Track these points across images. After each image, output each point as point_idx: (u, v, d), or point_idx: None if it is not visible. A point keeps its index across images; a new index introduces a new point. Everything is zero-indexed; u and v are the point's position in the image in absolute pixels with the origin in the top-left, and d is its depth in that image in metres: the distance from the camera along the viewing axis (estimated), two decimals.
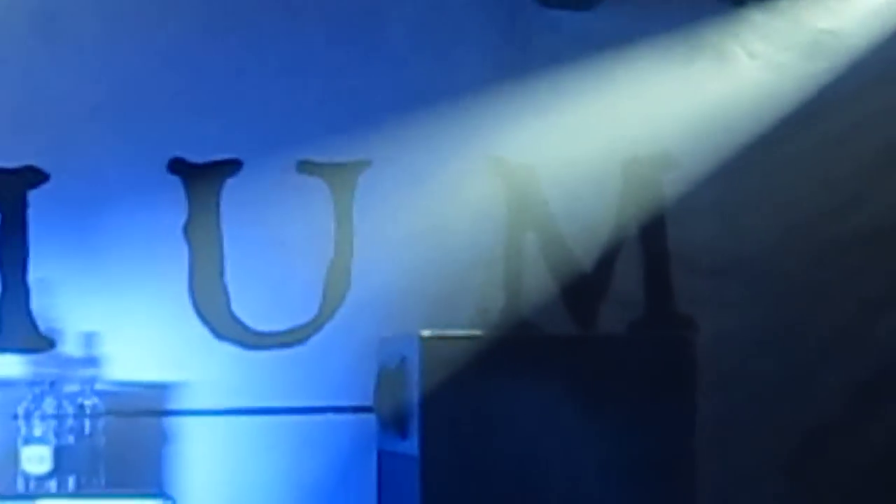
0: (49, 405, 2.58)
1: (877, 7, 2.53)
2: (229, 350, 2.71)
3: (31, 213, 2.55)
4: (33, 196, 2.55)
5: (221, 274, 2.58)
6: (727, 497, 2.38)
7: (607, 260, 2.71)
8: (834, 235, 2.68)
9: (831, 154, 2.59)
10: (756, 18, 2.60)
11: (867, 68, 2.54)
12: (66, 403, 2.62)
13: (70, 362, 2.70)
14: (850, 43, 2.57)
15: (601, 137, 2.62)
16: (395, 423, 2.61)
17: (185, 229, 2.58)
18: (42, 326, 2.64)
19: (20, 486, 2.53)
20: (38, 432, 2.60)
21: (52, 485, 2.57)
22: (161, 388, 2.72)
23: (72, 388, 2.63)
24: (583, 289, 2.76)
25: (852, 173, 2.64)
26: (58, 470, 2.57)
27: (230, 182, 2.58)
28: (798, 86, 2.54)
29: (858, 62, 2.54)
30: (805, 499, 2.52)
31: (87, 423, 2.62)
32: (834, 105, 2.54)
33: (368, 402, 2.63)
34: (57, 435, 2.59)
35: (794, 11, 2.56)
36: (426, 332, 2.43)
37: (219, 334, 2.69)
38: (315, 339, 2.72)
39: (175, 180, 2.62)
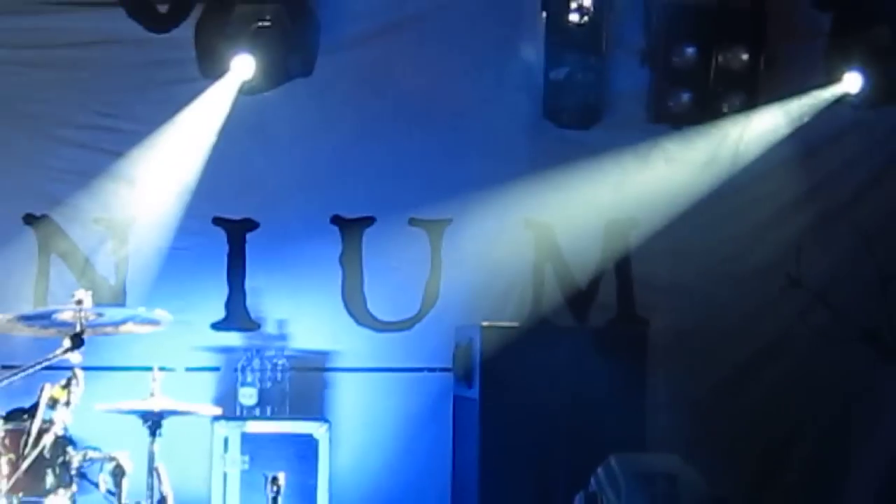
0: (256, 363, 4.17)
1: (761, 131, 4.12)
2: (365, 332, 4.38)
3: (248, 247, 4.19)
4: (249, 237, 4.19)
5: (361, 285, 4.21)
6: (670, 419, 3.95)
7: (595, 281, 4.34)
8: (738, 269, 4.29)
9: (730, 220, 4.21)
10: (673, 136, 4.27)
11: (749, 170, 4.15)
12: (266, 362, 4.20)
13: (269, 337, 4.35)
14: (739, 152, 4.19)
15: (591, 206, 4.22)
16: (464, 378, 4.21)
17: (340, 259, 4.22)
18: (253, 315, 4.24)
19: (237, 412, 4.06)
20: (249, 379, 4.20)
21: (257, 411, 4.11)
22: (324, 354, 4.38)
23: (270, 353, 4.24)
24: (579, 298, 4.37)
25: (745, 233, 4.24)
26: (260, 403, 4.18)
27: (367, 230, 4.19)
28: (700, 180, 4.18)
29: (744, 167, 4.15)
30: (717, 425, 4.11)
31: (279, 374, 4.21)
32: (727, 191, 4.15)
33: (448, 365, 4.24)
34: (260, 381, 4.21)
35: (700, 131, 4.23)
36: (484, 323, 4.02)
37: (359, 322, 4.37)
38: (417, 326, 4.38)
39: (334, 229, 4.23)
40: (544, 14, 4.30)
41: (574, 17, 4.19)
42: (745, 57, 4.28)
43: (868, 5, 4.31)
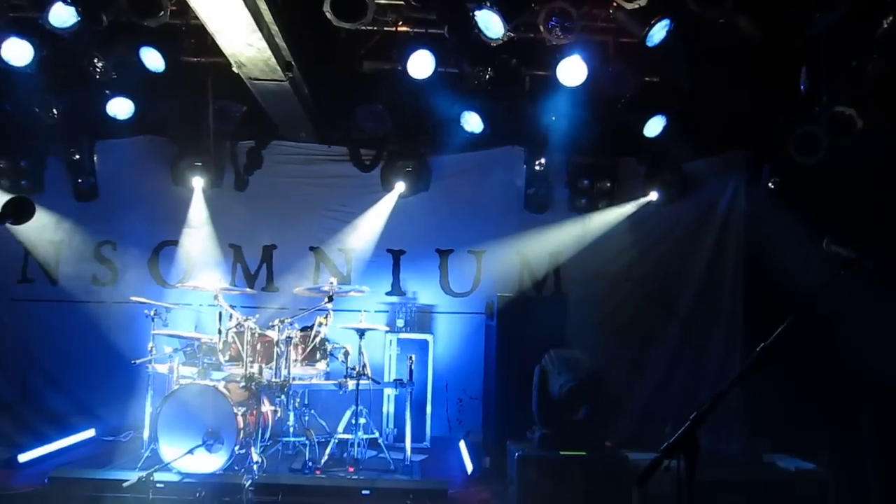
0: (403, 309, 8.68)
1: (616, 215, 8.98)
2: (448, 297, 8.98)
3: (401, 261, 9.03)
4: (402, 257, 9.00)
5: (447, 277, 9.00)
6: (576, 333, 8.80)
7: (545, 277, 8.91)
8: (605, 271, 8.82)
9: (600, 252, 8.74)
10: (578, 218, 8.81)
11: (607, 232, 8.82)
12: (408, 308, 8.71)
13: (409, 299, 8.91)
14: (605, 223, 8.85)
15: (544, 246, 8.83)
16: (490, 317, 8.26)
17: (438, 266, 8.98)
18: (402, 289, 8.96)
19: (395, 329, 8.64)
20: (400, 315, 8.62)
21: (405, 329, 8.56)
22: (431, 305, 8.95)
23: (409, 305, 8.79)
24: (538, 284, 8.88)
25: (607, 258, 8.79)
26: (405, 325, 8.62)
27: (450, 255, 9.05)
28: (588, 235, 8.76)
29: (605, 231, 8.82)
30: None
31: (413, 314, 8.69)
32: (598, 239, 8.78)
33: (484, 311, 8.63)
34: (405, 316, 8.63)
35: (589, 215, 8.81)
36: (499, 293, 8.00)
37: (446, 292, 8.99)
38: (471, 294, 8.96)
39: (436, 255, 9.00)
40: (525, 166, 8.62)
41: (538, 167, 8.45)
42: (608, 184, 8.60)
43: (661, 162, 8.58)
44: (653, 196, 8.75)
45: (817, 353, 6.44)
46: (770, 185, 8.15)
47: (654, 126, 7.85)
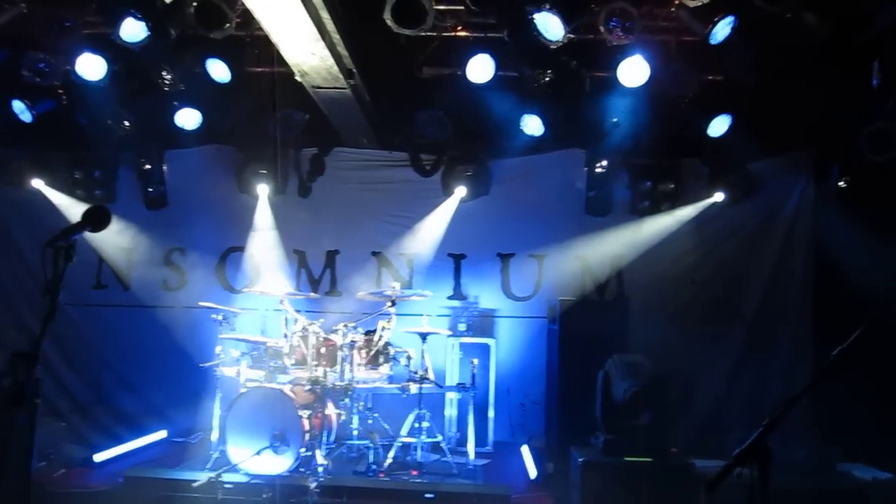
0: (465, 313, 8.69)
1: (678, 218, 8.79)
2: (510, 301, 8.99)
3: (462, 265, 9.10)
4: (463, 261, 9.06)
5: (509, 281, 9.01)
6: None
7: (607, 280, 8.85)
8: (668, 275, 8.67)
9: (663, 255, 8.56)
10: (639, 221, 8.69)
11: (669, 234, 8.72)
12: (469, 312, 8.71)
13: (471, 303, 8.92)
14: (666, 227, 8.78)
15: (605, 249, 8.72)
16: (552, 321, 8.21)
17: (500, 270, 9.01)
18: (464, 293, 9.01)
19: (457, 333, 8.61)
20: (462, 320, 8.60)
21: (467, 333, 8.56)
22: (493, 310, 8.92)
23: (471, 309, 8.83)
24: (600, 287, 8.80)
25: (670, 260, 8.65)
26: (467, 329, 8.60)
27: (511, 259, 9.07)
28: (649, 238, 8.63)
29: (667, 233, 8.71)
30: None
31: (475, 318, 8.69)
32: (663, 242, 8.62)
33: (545, 315, 8.53)
34: (467, 320, 8.64)
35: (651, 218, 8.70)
36: (561, 297, 7.99)
37: (507, 296, 9.00)
38: (532, 298, 8.94)
39: (498, 259, 9.02)
40: (585, 168, 8.52)
41: (598, 170, 8.39)
42: (671, 186, 8.55)
43: (725, 163, 8.47)
44: (717, 197, 8.58)
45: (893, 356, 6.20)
46: (840, 184, 7.94)
47: (719, 126, 7.72)
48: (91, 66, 6.96)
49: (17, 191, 8.85)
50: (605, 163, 8.50)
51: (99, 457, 7.36)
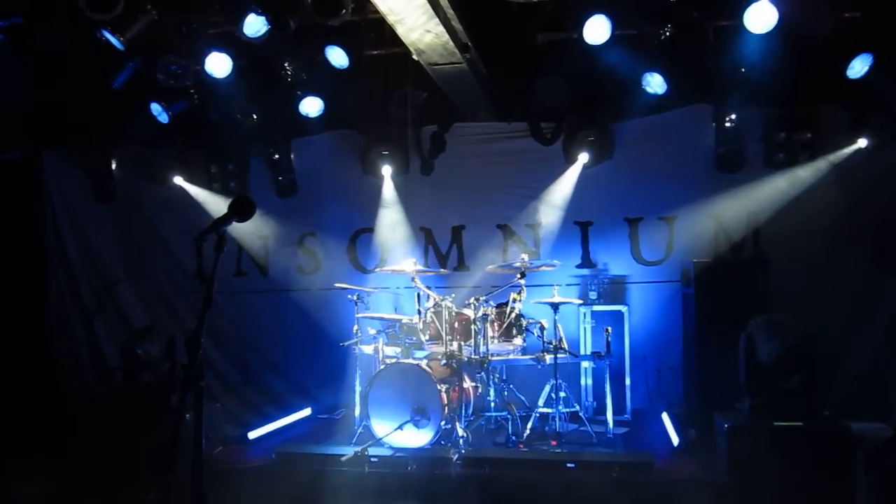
0: (595, 281, 8.61)
1: (815, 170, 8.19)
2: (640, 266, 8.75)
3: (589, 232, 8.93)
4: (590, 228, 8.86)
5: (638, 245, 8.75)
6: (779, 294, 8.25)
7: (743, 239, 8.44)
8: (809, 228, 7.98)
9: (801, 210, 7.99)
10: (776, 174, 8.12)
11: (808, 188, 8.08)
12: (599, 280, 8.60)
13: (601, 270, 8.70)
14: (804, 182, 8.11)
15: (740, 206, 8.30)
16: (686, 284, 7.74)
17: (628, 235, 8.74)
18: (593, 260, 8.85)
19: (588, 301, 8.59)
20: (593, 287, 8.51)
21: (598, 301, 8.48)
22: (624, 276, 8.71)
23: (601, 277, 8.70)
24: (735, 246, 8.43)
25: (810, 214, 8.00)
26: (598, 297, 8.46)
27: (640, 223, 8.73)
28: (787, 193, 8.15)
29: (806, 187, 8.08)
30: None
31: (605, 285, 8.55)
32: (800, 197, 8.09)
33: (678, 279, 8.19)
34: (597, 288, 8.49)
35: (787, 172, 8.17)
36: (694, 259, 7.34)
37: (637, 261, 8.75)
38: (664, 262, 8.59)
39: (626, 223, 8.70)
40: (713, 123, 8.01)
41: (728, 124, 7.86)
42: (808, 136, 7.87)
43: (868, 106, 7.81)
44: (861, 143, 7.98)
45: None
46: None
47: (859, 66, 7.19)
48: (219, 64, 7.26)
49: (161, 189, 9.35)
50: (734, 116, 8.05)
51: (252, 434, 7.81)
